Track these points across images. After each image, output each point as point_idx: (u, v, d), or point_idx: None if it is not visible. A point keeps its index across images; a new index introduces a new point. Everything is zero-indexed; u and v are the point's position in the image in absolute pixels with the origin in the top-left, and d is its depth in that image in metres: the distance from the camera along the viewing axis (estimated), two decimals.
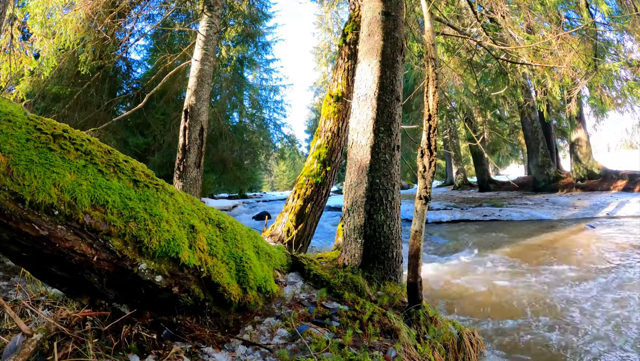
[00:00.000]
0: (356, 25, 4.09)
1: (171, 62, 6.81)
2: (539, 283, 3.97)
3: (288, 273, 2.22)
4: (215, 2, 5.10)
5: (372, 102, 2.59)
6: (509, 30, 4.58)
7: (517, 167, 30.61)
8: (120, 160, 1.39)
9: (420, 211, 2.03)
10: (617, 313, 3.04)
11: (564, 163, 17.49)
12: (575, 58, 4.48)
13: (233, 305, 1.62)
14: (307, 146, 31.29)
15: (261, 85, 20.38)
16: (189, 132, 4.66)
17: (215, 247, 1.61)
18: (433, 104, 2.07)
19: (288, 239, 3.66)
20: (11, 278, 2.94)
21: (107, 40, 5.24)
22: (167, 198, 1.50)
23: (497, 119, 16.65)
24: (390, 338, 1.73)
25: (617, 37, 6.12)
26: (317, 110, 30.48)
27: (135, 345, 1.29)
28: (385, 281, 2.43)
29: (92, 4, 4.79)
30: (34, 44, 5.00)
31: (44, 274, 1.28)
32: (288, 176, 44.65)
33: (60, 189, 1.14)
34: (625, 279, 3.94)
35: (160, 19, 7.60)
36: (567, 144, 16.44)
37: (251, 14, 14.91)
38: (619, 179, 12.30)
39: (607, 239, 6.09)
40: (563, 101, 8.90)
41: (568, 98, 6.56)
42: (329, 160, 3.92)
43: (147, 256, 1.33)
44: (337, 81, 4.11)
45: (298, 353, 1.44)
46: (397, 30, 2.73)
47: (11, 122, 1.12)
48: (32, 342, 1.11)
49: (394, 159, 2.58)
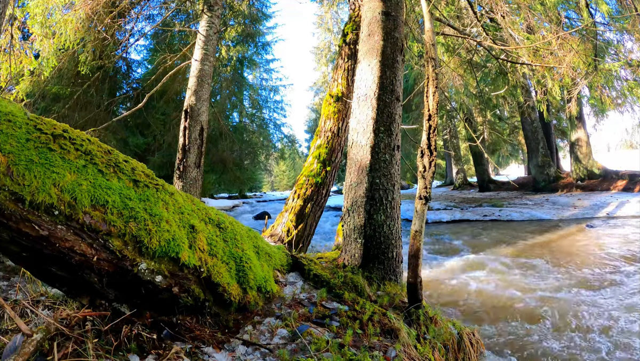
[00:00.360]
0: (356, 25, 4.09)
1: (171, 62, 6.81)
2: (538, 283, 3.97)
3: (288, 273, 2.22)
4: (215, 2, 5.10)
5: (372, 102, 2.59)
6: (509, 30, 4.58)
7: (517, 167, 30.63)
8: (120, 160, 1.39)
9: (420, 211, 2.03)
10: (618, 313, 3.04)
11: (564, 163, 17.50)
12: (575, 58, 4.48)
13: (233, 305, 1.62)
14: (307, 146, 31.30)
15: (261, 85, 20.39)
16: (189, 132, 4.66)
17: (215, 247, 1.61)
18: (433, 104, 2.07)
19: (288, 239, 3.66)
20: (11, 278, 2.95)
21: (107, 40, 5.24)
22: (167, 198, 1.50)
23: (497, 119, 16.66)
24: (390, 338, 1.73)
25: (617, 37, 6.12)
26: (317, 110, 30.49)
27: (135, 345, 1.29)
28: (385, 281, 2.43)
29: (92, 4, 4.79)
30: (34, 44, 5.00)
31: (44, 274, 1.28)
32: (288, 176, 44.66)
33: (60, 189, 1.14)
34: (625, 279, 3.94)
35: (160, 19, 7.60)
36: (567, 144, 16.45)
37: (251, 14, 14.92)
38: (619, 179, 12.31)
39: (607, 239, 6.09)
40: (563, 101, 8.91)
41: (568, 98, 6.56)
42: (329, 160, 3.92)
43: (147, 256, 1.33)
44: (337, 81, 4.11)
45: (298, 353, 1.44)
46: (397, 30, 2.73)
47: (11, 122, 1.12)
48: (32, 342, 1.11)
49: (394, 159, 2.58)
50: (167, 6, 7.29)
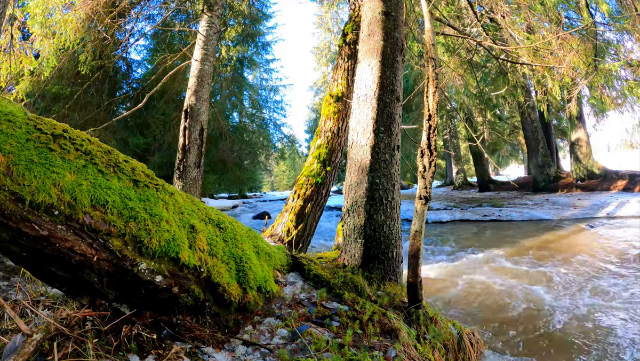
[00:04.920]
0: (356, 25, 4.09)
1: (171, 62, 6.81)
2: (538, 283, 3.97)
3: (288, 273, 2.22)
4: (215, 2, 5.10)
5: (372, 102, 2.59)
6: (509, 30, 4.58)
7: (517, 167, 30.63)
8: (120, 160, 1.39)
9: (420, 211, 2.03)
10: (619, 313, 3.04)
11: (564, 163, 17.49)
12: (575, 58, 4.48)
13: (233, 305, 1.62)
14: (307, 146, 31.27)
15: (261, 85, 20.37)
16: (189, 132, 4.66)
17: (215, 247, 1.61)
18: (433, 104, 2.07)
19: (288, 239, 3.66)
20: (11, 278, 2.94)
21: (107, 40, 5.24)
22: (167, 198, 1.50)
23: (497, 119, 16.64)
24: (390, 338, 1.73)
25: (617, 37, 6.12)
26: (317, 110, 30.46)
27: (135, 345, 1.29)
28: (385, 281, 2.43)
29: (92, 4, 4.79)
30: (34, 44, 5.00)
31: (44, 274, 1.28)
32: (288, 176, 44.63)
33: (60, 189, 1.14)
34: (626, 279, 3.94)
35: (160, 19, 7.60)
36: (567, 144, 16.44)
37: (251, 14, 14.90)
38: (619, 179, 12.30)
39: (607, 239, 6.08)
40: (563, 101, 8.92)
41: (568, 98, 6.56)
42: (329, 160, 3.92)
43: (147, 256, 1.33)
44: (337, 81, 4.11)
45: (298, 353, 1.44)
46: (397, 30, 2.73)
47: (11, 122, 1.12)
48: (32, 342, 1.11)
49: (394, 159, 2.58)
50: (167, 6, 7.29)
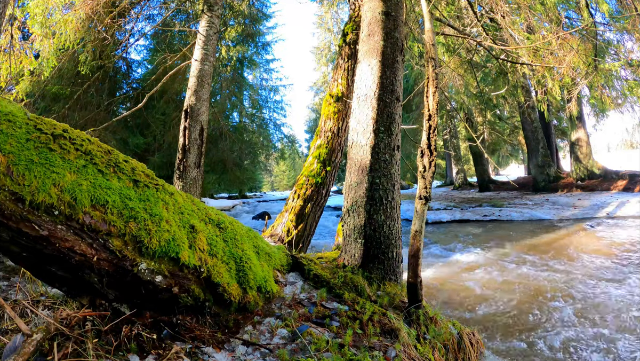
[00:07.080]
0: (356, 25, 4.09)
1: (171, 62, 6.81)
2: (538, 283, 3.97)
3: (288, 273, 2.22)
4: (215, 2, 5.10)
5: (372, 102, 2.59)
6: (509, 30, 4.58)
7: (517, 167, 30.65)
8: (120, 160, 1.39)
9: (420, 211, 2.03)
10: (620, 313, 3.04)
11: (564, 163, 17.49)
12: (575, 58, 4.48)
13: (233, 305, 1.62)
14: (307, 146, 31.29)
15: (261, 85, 20.37)
16: (189, 132, 4.65)
17: (215, 247, 1.61)
18: (433, 104, 2.07)
19: (288, 239, 3.66)
20: (11, 278, 2.95)
21: (107, 40, 5.24)
22: (167, 198, 1.50)
23: (497, 119, 16.65)
24: (390, 338, 1.73)
25: (617, 37, 6.12)
26: (317, 110, 30.47)
27: (135, 345, 1.29)
28: (385, 281, 2.43)
29: (92, 4, 4.79)
30: (34, 44, 5.00)
31: (44, 274, 1.28)
32: (288, 176, 44.64)
33: (60, 189, 1.14)
34: (627, 279, 3.94)
35: (160, 19, 7.61)
36: (567, 144, 16.44)
37: (251, 14, 14.91)
38: (619, 179, 12.30)
39: (608, 239, 6.08)
40: (563, 101, 8.91)
41: (568, 98, 6.56)
42: (329, 160, 3.92)
43: (147, 256, 1.33)
44: (337, 81, 4.11)
45: (298, 353, 1.44)
46: (397, 30, 2.73)
47: (11, 122, 1.12)
48: (32, 342, 1.11)
49: (394, 159, 2.58)
50: (167, 6, 7.29)
